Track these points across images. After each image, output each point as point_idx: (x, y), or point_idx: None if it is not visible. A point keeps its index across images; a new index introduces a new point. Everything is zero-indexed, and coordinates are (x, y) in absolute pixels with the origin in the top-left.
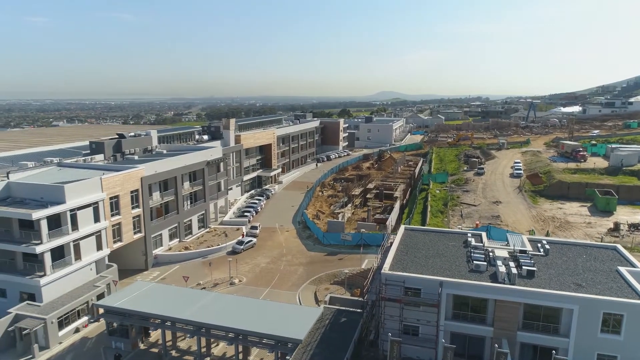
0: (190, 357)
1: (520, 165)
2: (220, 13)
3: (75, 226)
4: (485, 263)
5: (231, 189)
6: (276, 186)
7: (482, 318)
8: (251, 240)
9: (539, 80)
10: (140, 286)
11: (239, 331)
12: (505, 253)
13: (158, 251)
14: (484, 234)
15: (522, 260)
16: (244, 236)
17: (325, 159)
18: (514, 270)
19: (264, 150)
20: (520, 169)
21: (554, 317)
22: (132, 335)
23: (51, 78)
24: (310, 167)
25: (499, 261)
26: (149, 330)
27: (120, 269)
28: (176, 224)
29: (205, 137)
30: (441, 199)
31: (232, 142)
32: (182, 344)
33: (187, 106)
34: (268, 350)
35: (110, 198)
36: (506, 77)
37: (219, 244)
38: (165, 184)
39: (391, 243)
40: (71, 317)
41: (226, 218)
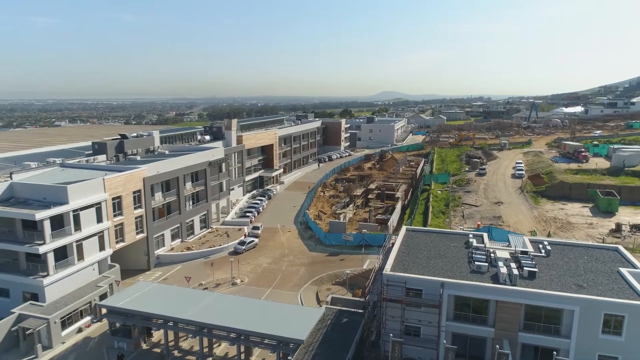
0: (192, 357)
1: (522, 165)
2: (220, 13)
3: (78, 226)
4: (486, 264)
5: (233, 190)
6: (278, 186)
7: (484, 319)
8: (253, 240)
9: (539, 80)
10: (142, 286)
11: (241, 331)
12: (506, 254)
13: (160, 251)
14: (486, 235)
15: (524, 261)
16: (246, 236)
17: (326, 160)
18: (515, 271)
19: (266, 150)
20: (522, 170)
21: (555, 318)
22: (135, 335)
23: (52, 78)
24: (312, 168)
25: (500, 262)
26: (152, 330)
27: (122, 269)
28: (178, 224)
29: (207, 138)
30: (443, 200)
31: (234, 143)
32: (185, 344)
33: (189, 106)
34: (270, 350)
35: (112, 198)
36: (506, 77)
37: (221, 245)
38: (167, 185)
39: (393, 244)
40: (74, 317)
41: (228, 218)
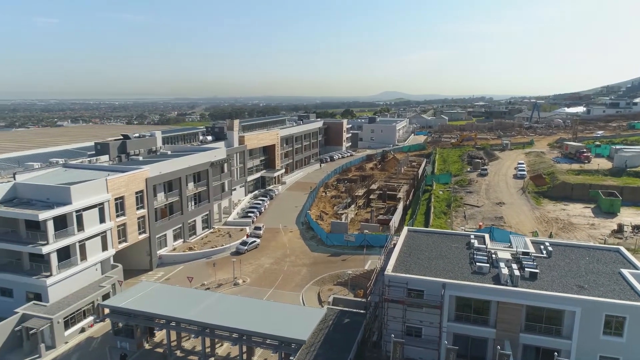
0: (194, 357)
1: (523, 166)
2: (220, 13)
3: (81, 227)
4: (488, 265)
5: (235, 190)
6: (280, 187)
7: (485, 320)
8: (255, 240)
9: (539, 80)
10: (145, 286)
11: (243, 331)
12: (508, 255)
13: (162, 251)
14: (487, 236)
15: (525, 262)
16: (248, 237)
17: (328, 160)
18: (517, 272)
19: (268, 151)
20: (523, 170)
21: (557, 319)
22: (137, 335)
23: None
24: (313, 168)
25: (502, 263)
26: (154, 330)
27: (125, 269)
28: (180, 225)
29: (209, 138)
30: (444, 200)
31: (236, 143)
32: (187, 344)
33: (191, 106)
34: (272, 350)
35: (115, 199)
36: (506, 77)
37: (223, 245)
38: (169, 185)
39: (394, 244)
40: (77, 317)
41: (230, 219)
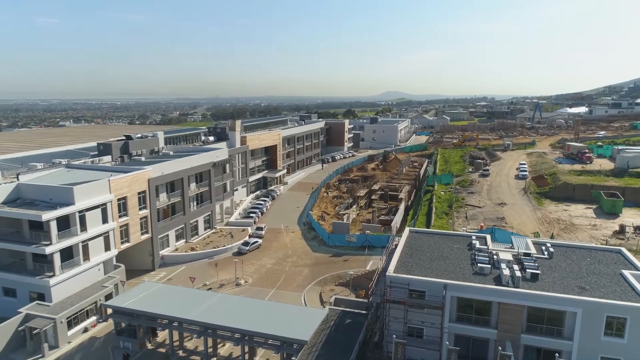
0: (197, 357)
1: (525, 166)
2: (219, 13)
3: (83, 227)
4: (489, 266)
5: (237, 190)
6: (281, 187)
7: (486, 320)
8: (257, 241)
9: (540, 80)
10: (147, 287)
11: (245, 332)
12: (509, 256)
13: (165, 252)
14: (489, 237)
15: (526, 263)
16: (250, 237)
17: (330, 160)
18: (518, 273)
19: (270, 151)
20: (525, 171)
21: (558, 320)
22: (140, 335)
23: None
24: (315, 168)
25: (503, 264)
26: (157, 330)
27: (127, 270)
28: (183, 225)
29: (211, 139)
30: (446, 201)
31: (238, 144)
32: (189, 344)
33: (193, 106)
34: (274, 351)
35: (118, 199)
36: (507, 77)
37: (225, 245)
38: (172, 185)
39: (396, 245)
40: (80, 317)
41: (232, 219)
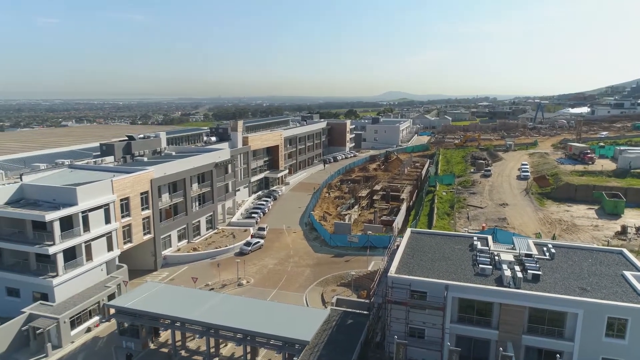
0: (199, 357)
1: (527, 167)
2: (220, 13)
3: (86, 227)
4: (490, 267)
5: (239, 191)
6: (283, 187)
7: (488, 321)
8: (259, 241)
9: (540, 80)
10: (150, 287)
11: (247, 332)
12: (510, 257)
13: (167, 252)
14: (490, 237)
15: (528, 264)
16: (252, 237)
17: (332, 160)
18: (520, 274)
19: (271, 151)
20: (527, 171)
21: (559, 321)
22: (143, 335)
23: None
24: (317, 169)
25: (505, 265)
26: (159, 330)
27: (130, 270)
28: (185, 225)
29: (213, 139)
30: (448, 201)
31: (240, 144)
32: (191, 344)
33: (195, 106)
34: (276, 351)
35: (120, 200)
36: (507, 77)
37: (227, 245)
38: (174, 186)
39: (397, 246)
40: (83, 317)
41: (234, 219)
